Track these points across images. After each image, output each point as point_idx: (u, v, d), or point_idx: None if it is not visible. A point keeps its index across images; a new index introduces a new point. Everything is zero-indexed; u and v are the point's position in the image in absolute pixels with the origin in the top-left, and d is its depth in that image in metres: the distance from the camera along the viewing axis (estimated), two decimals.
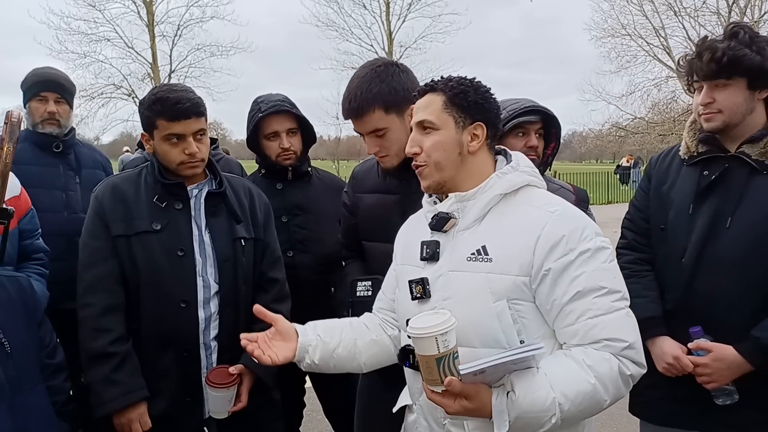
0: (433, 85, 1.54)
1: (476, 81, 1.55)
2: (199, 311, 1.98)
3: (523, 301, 1.41)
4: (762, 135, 1.79)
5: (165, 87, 2.00)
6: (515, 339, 1.40)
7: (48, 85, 2.92)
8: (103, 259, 1.95)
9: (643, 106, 20.76)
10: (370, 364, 1.72)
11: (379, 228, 2.10)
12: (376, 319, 1.77)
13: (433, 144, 1.50)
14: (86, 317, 1.93)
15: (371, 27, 22.98)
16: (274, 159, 2.53)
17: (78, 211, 2.87)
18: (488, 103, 1.53)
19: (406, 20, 23.06)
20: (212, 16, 20.98)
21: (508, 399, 1.30)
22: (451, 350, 1.27)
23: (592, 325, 1.36)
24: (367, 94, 1.93)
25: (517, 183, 1.50)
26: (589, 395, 1.32)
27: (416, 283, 1.52)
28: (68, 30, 19.85)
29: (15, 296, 1.72)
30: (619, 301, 1.39)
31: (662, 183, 2.01)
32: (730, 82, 1.77)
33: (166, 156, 1.98)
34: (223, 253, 2.02)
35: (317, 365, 1.63)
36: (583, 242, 1.39)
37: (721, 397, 1.81)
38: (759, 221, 1.75)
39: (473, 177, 1.51)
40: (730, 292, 1.78)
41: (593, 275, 1.38)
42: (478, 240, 1.46)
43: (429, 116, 1.51)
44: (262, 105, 2.51)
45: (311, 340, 1.62)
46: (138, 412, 1.92)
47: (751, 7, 18.95)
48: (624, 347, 1.35)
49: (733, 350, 1.75)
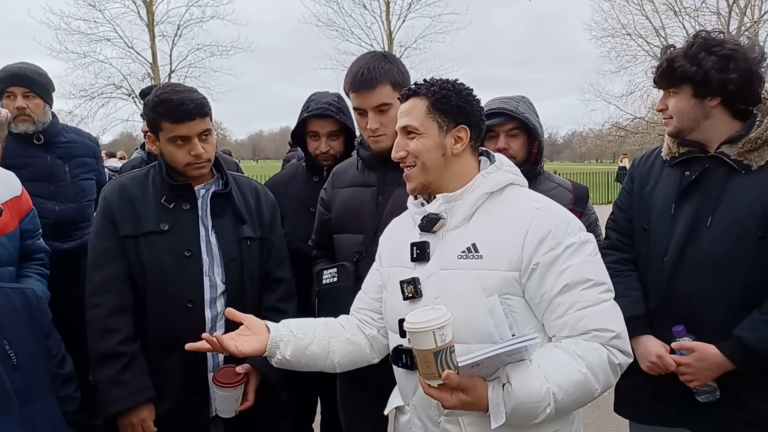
0: (416, 89, 1.57)
1: (458, 84, 1.58)
2: (206, 311, 1.99)
3: (513, 295, 1.45)
4: (740, 136, 1.83)
5: (168, 88, 1.98)
6: (507, 333, 1.44)
7: (14, 80, 2.79)
8: (111, 260, 1.96)
9: (643, 106, 20.76)
10: (344, 363, 1.72)
11: (350, 219, 2.15)
12: (354, 319, 1.78)
13: (417, 148, 1.54)
14: (95, 317, 1.93)
15: (371, 27, 23.00)
16: (313, 156, 2.59)
17: (67, 201, 2.85)
18: (471, 106, 1.56)
19: (406, 20, 23.08)
20: (212, 16, 20.97)
21: (504, 391, 1.34)
22: (448, 344, 1.30)
23: (581, 316, 1.40)
24: (380, 69, 2.03)
25: (501, 182, 1.55)
26: (581, 384, 1.36)
27: (407, 283, 1.54)
28: (68, 30, 19.83)
29: (21, 308, 1.73)
30: (605, 293, 1.44)
31: (645, 184, 2.05)
32: (677, 90, 1.87)
33: (172, 157, 1.99)
34: (229, 253, 2.03)
35: (288, 361, 1.63)
36: (568, 236, 1.44)
37: (704, 395, 1.84)
38: (737, 220, 1.78)
39: (457, 178, 1.55)
40: (710, 290, 1.81)
41: (580, 268, 1.42)
42: (467, 238, 1.50)
43: (412, 122, 1.54)
44: (311, 104, 2.57)
45: (282, 336, 1.62)
46: (142, 416, 1.91)
47: (751, 7, 18.94)
48: (612, 337, 1.40)
49: (715, 349, 1.78)
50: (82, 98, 20.41)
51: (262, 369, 1.98)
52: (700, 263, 1.82)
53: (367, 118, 2.06)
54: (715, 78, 1.79)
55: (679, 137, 1.94)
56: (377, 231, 2.06)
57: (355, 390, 2.23)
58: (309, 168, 2.66)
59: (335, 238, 2.23)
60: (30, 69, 2.88)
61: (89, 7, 19.75)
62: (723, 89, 1.81)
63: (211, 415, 2.03)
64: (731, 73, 1.78)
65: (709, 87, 1.81)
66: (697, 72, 1.80)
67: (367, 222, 2.11)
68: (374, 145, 2.10)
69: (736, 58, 1.79)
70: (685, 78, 1.83)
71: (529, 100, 2.31)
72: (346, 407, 2.32)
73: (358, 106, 2.08)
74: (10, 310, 1.69)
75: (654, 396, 1.96)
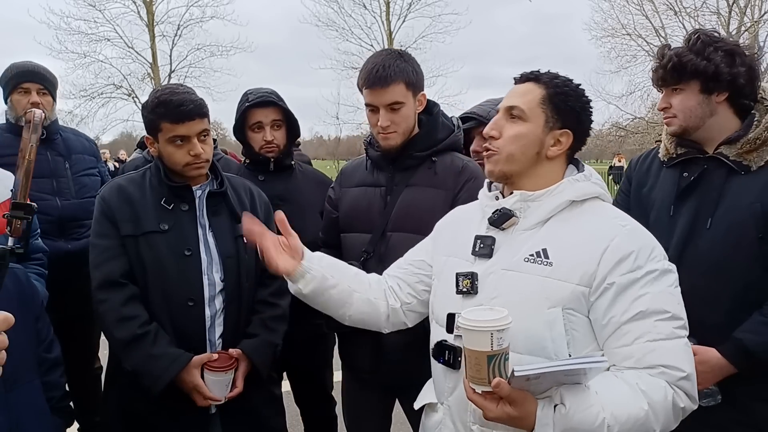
0: (538, 75, 1.48)
1: (581, 88, 1.49)
2: (206, 309, 2.01)
3: (577, 312, 1.34)
4: (739, 136, 1.82)
5: (168, 89, 2.01)
6: (564, 350, 1.33)
7: (30, 76, 2.86)
8: (113, 257, 1.98)
9: (643, 106, 20.73)
10: (355, 319, 1.68)
11: (358, 218, 2.16)
12: (384, 283, 1.71)
13: (514, 134, 1.44)
14: (107, 311, 1.95)
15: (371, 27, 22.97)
16: (257, 150, 2.56)
17: (70, 197, 2.88)
18: (584, 115, 1.48)
19: (406, 20, 23.04)
20: (212, 16, 20.95)
21: (557, 412, 1.22)
22: (504, 350, 1.19)
23: (651, 349, 1.28)
24: (395, 68, 2.02)
25: (588, 193, 1.44)
26: (640, 421, 1.24)
27: (465, 277, 1.45)
28: (68, 30, 19.83)
29: (12, 289, 1.70)
30: (681, 329, 1.32)
31: (642, 185, 2.04)
32: (683, 87, 1.84)
33: (171, 158, 2.01)
34: (226, 250, 2.05)
35: (305, 296, 1.60)
36: (651, 261, 1.33)
37: (705, 399, 1.82)
38: (737, 221, 1.78)
39: (540, 179, 1.46)
40: (709, 292, 1.80)
41: (658, 297, 1.31)
42: (538, 242, 1.40)
43: (522, 105, 1.44)
44: (250, 96, 2.55)
45: (312, 269, 1.59)
46: (192, 374, 1.93)
47: (751, 7, 18.94)
48: (681, 377, 1.28)
49: (716, 353, 1.77)
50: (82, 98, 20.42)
51: (252, 356, 2.03)
52: (700, 264, 1.81)
53: (378, 115, 2.06)
54: (724, 72, 1.78)
55: (683, 136, 1.91)
56: (385, 231, 2.09)
57: (359, 388, 2.24)
58: (253, 166, 2.62)
59: (343, 237, 2.24)
60: (43, 67, 2.96)
61: (89, 7, 19.77)
62: (732, 83, 1.80)
63: (210, 412, 2.05)
64: (739, 67, 1.79)
65: (719, 81, 1.80)
66: (708, 66, 1.78)
67: (375, 222, 2.12)
68: (384, 141, 2.10)
69: (739, 53, 1.80)
70: (696, 73, 1.80)
71: None
72: (350, 407, 2.33)
73: (370, 102, 2.07)
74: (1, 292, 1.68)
75: None
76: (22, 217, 1.80)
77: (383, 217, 2.10)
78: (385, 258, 2.04)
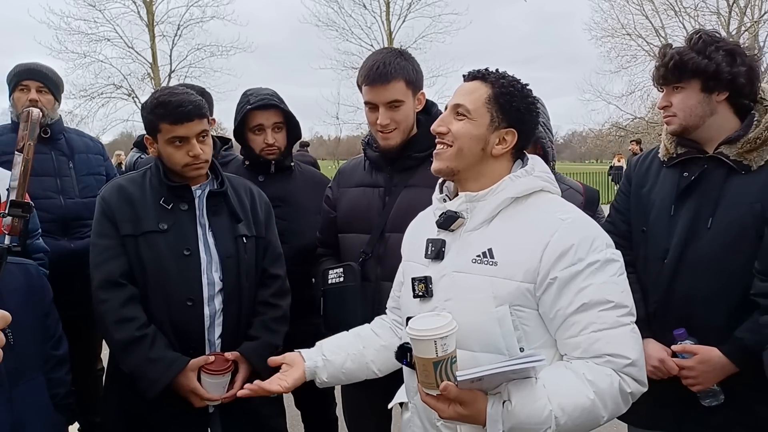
0: (486, 74, 1.50)
1: (527, 89, 1.51)
2: (205, 309, 2.02)
3: (525, 308, 1.39)
4: (739, 136, 1.82)
5: (167, 90, 2.03)
6: (515, 346, 1.38)
7: (29, 74, 2.90)
8: (113, 257, 1.98)
9: (643, 106, 20.75)
10: (384, 369, 1.71)
11: (357, 219, 2.15)
12: (387, 321, 1.75)
13: (461, 129, 1.46)
14: (106, 311, 1.95)
15: (371, 27, 22.97)
16: (257, 152, 2.55)
17: (74, 196, 2.89)
18: (529, 115, 1.50)
19: (406, 20, 23.05)
20: (212, 16, 20.94)
21: (504, 408, 1.28)
22: (449, 355, 1.25)
23: (596, 339, 1.33)
24: (395, 65, 2.03)
25: (529, 188, 1.47)
26: (587, 410, 1.30)
27: (419, 281, 1.49)
28: (68, 30, 19.81)
29: (23, 284, 1.71)
30: (625, 317, 1.37)
31: (642, 185, 2.03)
32: (683, 85, 1.85)
33: (170, 158, 2.01)
34: (225, 250, 2.05)
35: (328, 382, 1.66)
36: (593, 253, 1.36)
37: (707, 399, 1.83)
38: (737, 220, 1.78)
39: (486, 177, 1.48)
40: (710, 292, 1.80)
41: (601, 288, 1.35)
42: (485, 242, 1.44)
43: (468, 104, 1.47)
44: (251, 98, 2.54)
45: (317, 363, 1.64)
46: (188, 378, 1.94)
47: (751, 7, 18.94)
48: (626, 364, 1.33)
49: (717, 352, 1.77)
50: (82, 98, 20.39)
51: (251, 359, 2.03)
52: (701, 264, 1.81)
53: (377, 113, 2.05)
54: (725, 71, 1.79)
55: (682, 135, 1.91)
56: (384, 231, 2.09)
57: (359, 387, 2.24)
58: (253, 167, 2.61)
59: (341, 237, 2.24)
60: (45, 66, 3.00)
61: (89, 7, 19.75)
62: (732, 83, 1.80)
63: (209, 412, 2.06)
64: (739, 67, 1.79)
65: (720, 80, 1.80)
66: (709, 65, 1.79)
67: (374, 222, 2.12)
68: (383, 141, 2.10)
69: (739, 53, 1.81)
70: (697, 71, 1.81)
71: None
72: (349, 405, 2.33)
73: (370, 100, 2.06)
74: (12, 287, 1.67)
75: (653, 400, 1.92)
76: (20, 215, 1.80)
77: (382, 217, 2.10)
78: (383, 258, 2.04)
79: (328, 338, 1.74)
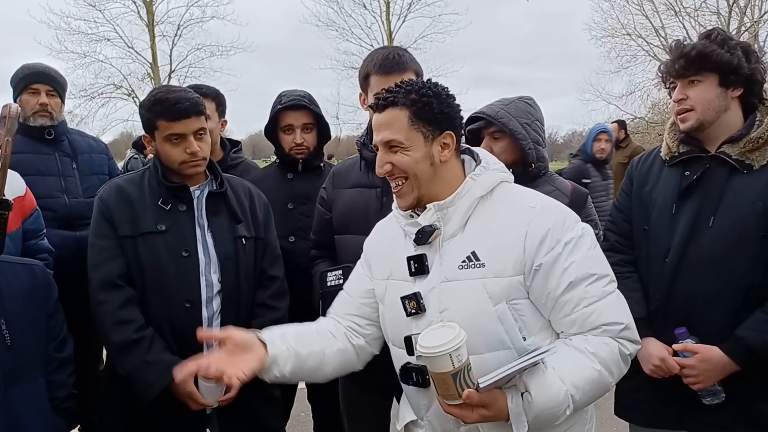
0: (394, 99, 1.46)
1: (437, 87, 1.50)
2: (203, 310, 2.01)
3: (520, 299, 1.43)
4: (741, 135, 1.82)
5: (164, 88, 2.03)
6: (518, 337, 1.43)
7: (40, 77, 2.92)
8: (111, 258, 1.98)
9: (643, 106, 20.72)
10: (333, 374, 1.66)
11: (354, 220, 2.14)
12: (341, 327, 1.68)
13: (404, 162, 1.46)
14: (104, 313, 1.95)
15: (371, 27, 22.92)
16: (287, 151, 2.63)
17: (78, 196, 2.92)
18: (452, 110, 1.50)
19: (406, 20, 22.99)
20: (212, 16, 20.86)
21: (524, 400, 1.33)
22: (464, 363, 1.28)
23: (589, 313, 1.40)
24: (408, 57, 2.09)
25: (491, 183, 1.50)
26: (596, 381, 1.38)
27: (409, 299, 1.48)
28: (68, 30, 19.73)
29: (27, 285, 1.69)
30: (609, 285, 1.45)
31: (644, 184, 2.03)
32: (701, 78, 1.83)
33: (168, 156, 2.01)
34: (224, 251, 2.05)
35: (286, 377, 1.53)
36: (566, 232, 1.43)
37: (708, 397, 1.83)
38: (740, 219, 1.78)
39: (446, 183, 1.49)
40: (712, 291, 1.81)
41: (581, 264, 1.42)
42: (466, 247, 1.46)
43: (396, 135, 1.45)
44: (283, 98, 2.63)
45: (282, 351, 1.51)
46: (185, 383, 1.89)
47: (751, 7, 18.93)
48: (621, 329, 1.42)
49: (719, 351, 1.77)
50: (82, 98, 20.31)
51: None
52: (702, 263, 1.81)
53: None
54: (745, 66, 1.79)
55: (698, 131, 1.88)
56: None
57: (358, 391, 2.23)
58: (282, 165, 2.70)
59: (338, 238, 2.23)
60: (53, 69, 3.02)
61: (89, 7, 19.69)
62: (749, 79, 1.81)
63: (207, 413, 2.05)
64: (755, 64, 1.80)
65: (739, 75, 1.80)
66: (732, 58, 1.78)
67: (372, 223, 2.08)
68: None
69: (753, 52, 1.82)
70: (721, 63, 1.79)
71: (525, 102, 2.26)
72: (349, 408, 2.32)
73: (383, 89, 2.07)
74: (15, 287, 1.66)
75: (654, 398, 1.95)
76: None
77: (380, 218, 2.09)
78: None
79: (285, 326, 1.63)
